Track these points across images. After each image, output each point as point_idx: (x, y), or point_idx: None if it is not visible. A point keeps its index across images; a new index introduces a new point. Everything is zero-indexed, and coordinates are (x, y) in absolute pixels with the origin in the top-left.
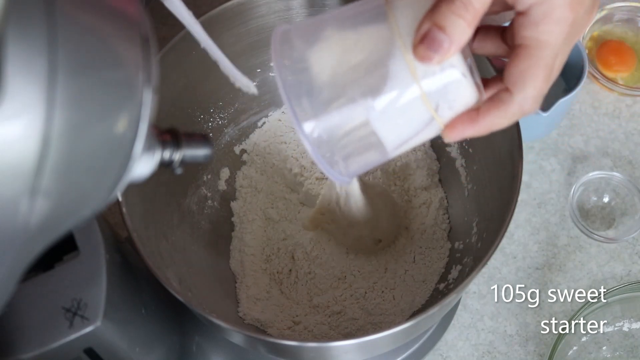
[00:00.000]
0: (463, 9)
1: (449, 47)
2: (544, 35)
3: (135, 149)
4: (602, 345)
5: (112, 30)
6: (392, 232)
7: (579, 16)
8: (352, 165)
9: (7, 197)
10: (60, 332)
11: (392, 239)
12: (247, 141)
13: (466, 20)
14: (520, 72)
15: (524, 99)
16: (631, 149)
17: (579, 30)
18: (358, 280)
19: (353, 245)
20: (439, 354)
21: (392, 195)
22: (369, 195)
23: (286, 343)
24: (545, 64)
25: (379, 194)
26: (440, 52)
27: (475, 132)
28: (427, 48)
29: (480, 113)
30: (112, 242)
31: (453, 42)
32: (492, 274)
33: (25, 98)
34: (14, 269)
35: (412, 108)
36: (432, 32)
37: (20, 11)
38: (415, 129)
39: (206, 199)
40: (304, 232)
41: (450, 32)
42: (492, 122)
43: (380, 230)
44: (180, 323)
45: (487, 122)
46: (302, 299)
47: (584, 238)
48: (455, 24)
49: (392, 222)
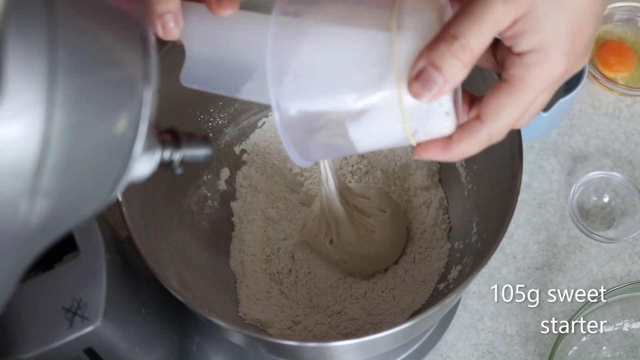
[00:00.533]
0: (461, 51)
1: (442, 88)
2: (531, 79)
3: (135, 149)
4: (602, 345)
5: (112, 30)
6: (395, 256)
7: (571, 64)
8: (315, 151)
9: (7, 197)
10: (60, 332)
11: (395, 260)
12: (247, 141)
13: (463, 62)
14: (498, 106)
15: (494, 131)
16: (631, 149)
17: (567, 77)
18: (358, 280)
19: (347, 271)
20: (439, 354)
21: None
22: (368, 223)
23: (286, 343)
24: (523, 104)
25: (391, 217)
26: (433, 92)
27: (446, 158)
28: (422, 87)
29: (452, 141)
30: (112, 242)
31: (447, 83)
32: (492, 274)
33: (25, 98)
34: (14, 269)
35: (390, 127)
36: (428, 71)
37: (20, 11)
38: (388, 142)
39: (206, 199)
40: None
41: (446, 73)
42: (463, 150)
43: (382, 260)
44: (180, 323)
45: (459, 150)
46: (302, 299)
47: (584, 238)
48: (452, 65)
49: (397, 246)
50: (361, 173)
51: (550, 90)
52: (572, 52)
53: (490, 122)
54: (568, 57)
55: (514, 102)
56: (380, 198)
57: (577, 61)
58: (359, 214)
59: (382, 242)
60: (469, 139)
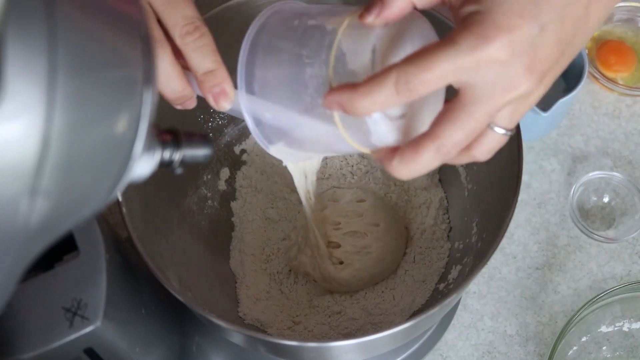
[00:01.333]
0: None
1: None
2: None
3: (135, 149)
4: (602, 345)
5: (112, 30)
6: (395, 265)
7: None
8: (275, 138)
9: (7, 197)
10: (60, 332)
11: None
12: (247, 141)
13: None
14: (445, 116)
15: (442, 144)
16: (631, 149)
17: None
18: None
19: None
20: (439, 354)
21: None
22: (363, 246)
23: (286, 343)
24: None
25: (386, 229)
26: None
27: (391, 170)
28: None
29: (396, 153)
30: (112, 242)
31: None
32: (492, 274)
33: (25, 98)
34: (14, 269)
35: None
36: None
37: (20, 11)
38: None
39: (206, 199)
40: None
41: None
42: (407, 163)
43: (382, 274)
44: (180, 323)
45: (401, 162)
46: (302, 299)
47: (584, 238)
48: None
49: (397, 256)
50: (361, 173)
51: (515, 105)
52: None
53: (436, 132)
54: (529, 69)
55: (463, 111)
56: (375, 209)
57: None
58: (352, 241)
59: (380, 259)
60: (414, 150)
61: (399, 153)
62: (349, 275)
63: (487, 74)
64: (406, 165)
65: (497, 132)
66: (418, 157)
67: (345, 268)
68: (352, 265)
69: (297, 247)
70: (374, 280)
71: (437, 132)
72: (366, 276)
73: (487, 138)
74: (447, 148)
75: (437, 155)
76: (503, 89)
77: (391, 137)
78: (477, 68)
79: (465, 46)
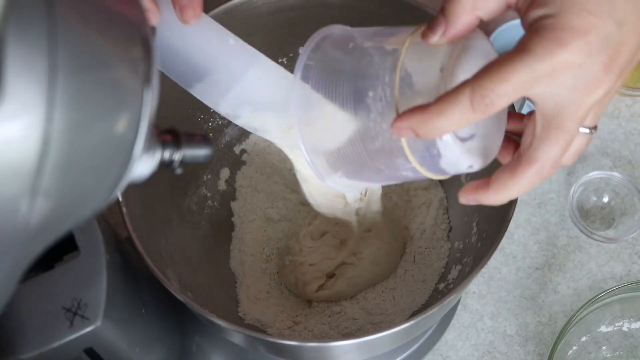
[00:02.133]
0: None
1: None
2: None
3: (135, 149)
4: (602, 345)
5: (112, 31)
6: (393, 266)
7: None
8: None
9: (7, 197)
10: (60, 332)
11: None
12: (247, 141)
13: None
14: (538, 135)
15: (540, 166)
16: (631, 149)
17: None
18: None
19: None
20: (439, 354)
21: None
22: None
23: (286, 343)
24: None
25: (377, 234)
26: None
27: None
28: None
29: (491, 180)
30: (112, 242)
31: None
32: (492, 274)
33: (25, 98)
34: (14, 269)
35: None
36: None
37: (20, 11)
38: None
39: (206, 199)
40: None
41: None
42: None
43: (378, 277)
44: (180, 323)
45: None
46: (302, 299)
47: (584, 238)
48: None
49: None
50: None
51: (597, 108)
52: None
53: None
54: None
55: (553, 127)
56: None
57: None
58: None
59: (374, 264)
60: (512, 177)
61: (495, 181)
62: (342, 285)
63: (565, 80)
64: (505, 192)
65: (583, 133)
66: (518, 182)
67: (337, 279)
68: (344, 274)
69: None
70: (370, 284)
71: (534, 155)
72: (361, 282)
73: (576, 142)
74: (547, 169)
75: (537, 177)
76: (583, 93)
77: (463, 160)
78: (553, 75)
79: (539, 52)
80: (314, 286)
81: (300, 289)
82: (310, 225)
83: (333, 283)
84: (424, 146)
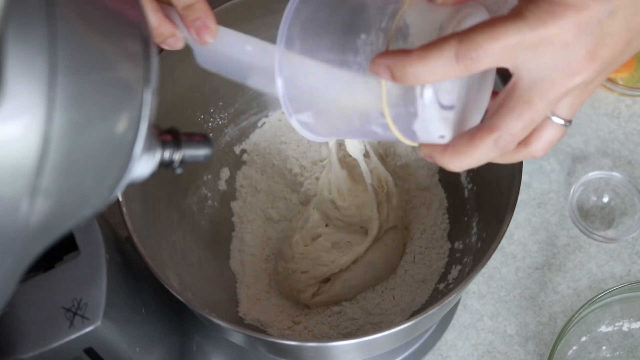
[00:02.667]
0: None
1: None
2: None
3: (135, 149)
4: (602, 345)
5: (113, 31)
6: (393, 266)
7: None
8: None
9: (7, 197)
10: (60, 332)
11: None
12: (247, 141)
13: None
14: (503, 105)
15: (500, 137)
16: (631, 149)
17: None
18: None
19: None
20: (439, 354)
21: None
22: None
23: (286, 343)
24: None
25: (374, 237)
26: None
27: (444, 163)
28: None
29: (449, 144)
30: (112, 242)
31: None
32: (492, 274)
33: (25, 98)
34: (14, 269)
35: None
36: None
37: (20, 11)
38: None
39: (206, 199)
40: None
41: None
42: (461, 154)
43: (376, 279)
44: (180, 323)
45: (455, 153)
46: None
47: (584, 238)
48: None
49: (393, 258)
50: None
51: (575, 95)
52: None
53: (493, 123)
54: (592, 54)
55: (522, 99)
56: (361, 215)
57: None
58: (336, 254)
59: (370, 265)
60: (470, 141)
61: (452, 144)
62: (338, 288)
63: (547, 55)
64: (460, 157)
65: (556, 123)
66: (474, 149)
67: (333, 283)
68: (339, 277)
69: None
70: (368, 285)
71: (495, 123)
72: (358, 284)
73: (546, 130)
74: (506, 140)
75: (494, 148)
76: (562, 74)
77: (437, 127)
78: (539, 48)
79: (532, 20)
80: (308, 294)
81: (295, 296)
82: (302, 229)
83: (329, 287)
84: (402, 101)
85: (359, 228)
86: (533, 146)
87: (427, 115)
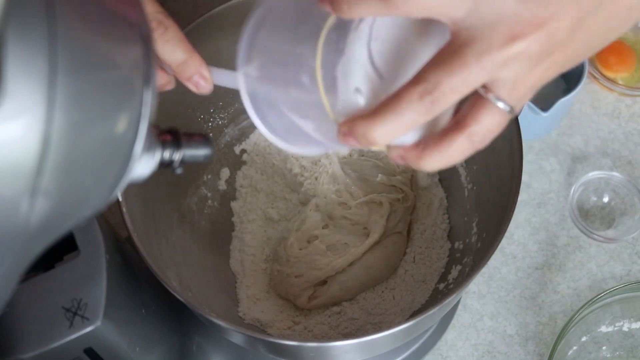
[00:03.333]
0: None
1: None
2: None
3: (135, 149)
4: (602, 345)
5: (113, 31)
6: (393, 268)
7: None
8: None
9: (7, 197)
10: (60, 332)
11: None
12: (247, 141)
13: None
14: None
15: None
16: (631, 149)
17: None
18: None
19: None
20: (439, 354)
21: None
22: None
23: (286, 343)
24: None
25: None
26: None
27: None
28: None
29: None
30: (112, 242)
31: None
32: (492, 274)
33: (25, 98)
34: (14, 269)
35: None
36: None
37: (20, 11)
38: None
39: (206, 199)
40: None
41: None
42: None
43: (374, 281)
44: (180, 323)
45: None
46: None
47: (584, 238)
48: None
49: (393, 260)
50: None
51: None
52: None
53: (421, 75)
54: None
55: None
56: (369, 217)
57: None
58: (332, 256)
59: (368, 267)
60: (395, 97)
61: (377, 107)
62: (335, 290)
63: (486, 12)
64: (383, 118)
65: (497, 107)
66: (398, 103)
67: (329, 286)
68: (335, 279)
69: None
70: (367, 286)
71: (421, 74)
72: (355, 285)
73: (486, 114)
74: (433, 96)
75: (419, 105)
76: (501, 34)
77: (358, 75)
78: (479, 3)
79: None
80: (304, 298)
81: (292, 300)
82: (298, 230)
83: (326, 290)
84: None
85: (362, 229)
86: (470, 128)
87: (355, 53)
